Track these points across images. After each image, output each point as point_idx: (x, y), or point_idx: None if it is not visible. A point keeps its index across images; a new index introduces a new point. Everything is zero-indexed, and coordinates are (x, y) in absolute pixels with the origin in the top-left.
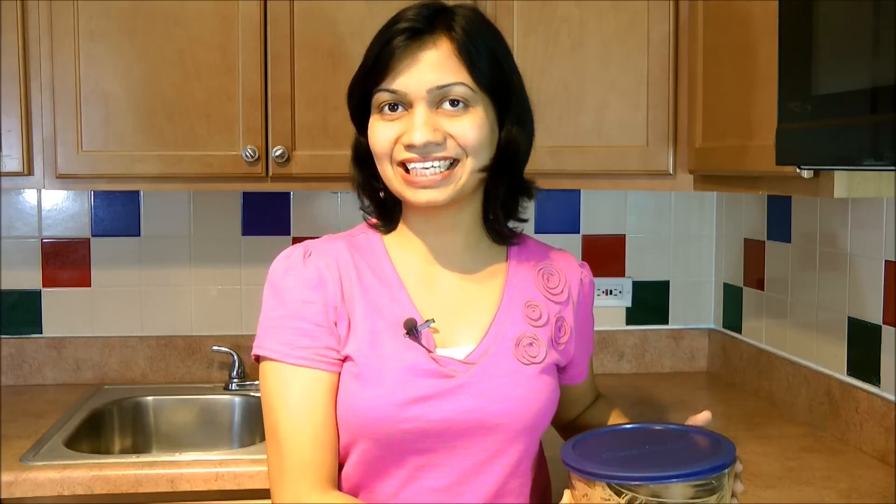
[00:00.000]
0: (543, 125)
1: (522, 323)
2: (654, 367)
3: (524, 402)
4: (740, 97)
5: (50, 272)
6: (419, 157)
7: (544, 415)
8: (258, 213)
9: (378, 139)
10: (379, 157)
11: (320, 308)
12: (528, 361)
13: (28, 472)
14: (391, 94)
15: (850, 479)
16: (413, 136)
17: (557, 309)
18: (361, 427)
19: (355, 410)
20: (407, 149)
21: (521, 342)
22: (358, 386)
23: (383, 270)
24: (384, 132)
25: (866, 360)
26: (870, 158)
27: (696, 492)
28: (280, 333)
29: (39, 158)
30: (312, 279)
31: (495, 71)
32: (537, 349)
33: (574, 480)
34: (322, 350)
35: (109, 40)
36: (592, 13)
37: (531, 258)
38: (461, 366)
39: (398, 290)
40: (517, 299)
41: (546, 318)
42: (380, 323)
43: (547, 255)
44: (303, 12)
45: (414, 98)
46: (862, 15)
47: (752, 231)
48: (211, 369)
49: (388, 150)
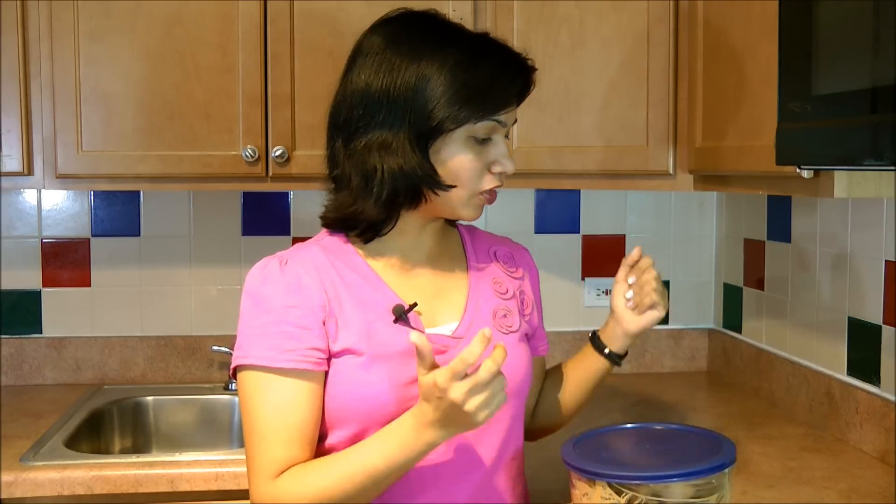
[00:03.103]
0: (543, 125)
1: (493, 297)
2: (654, 367)
3: (510, 367)
4: (740, 97)
5: (50, 272)
6: (499, 184)
7: (526, 380)
8: (258, 214)
9: (474, 167)
10: (465, 182)
11: (302, 311)
12: (507, 331)
13: (28, 472)
14: (502, 125)
15: (850, 479)
16: (508, 165)
17: (517, 284)
18: (371, 412)
19: (363, 397)
20: (498, 176)
21: (497, 314)
22: (363, 374)
23: (358, 266)
24: (477, 161)
25: (866, 360)
26: (870, 158)
27: (696, 491)
28: (266, 339)
29: (39, 158)
30: (292, 284)
31: None
32: (511, 319)
33: (574, 480)
34: (307, 351)
35: (109, 40)
36: (592, 13)
37: (482, 243)
38: (451, 340)
39: (377, 283)
40: (483, 277)
41: (512, 292)
42: (370, 314)
43: (494, 241)
44: (303, 12)
45: (503, 129)
46: (862, 15)
47: (752, 231)
48: (211, 369)
49: (476, 177)
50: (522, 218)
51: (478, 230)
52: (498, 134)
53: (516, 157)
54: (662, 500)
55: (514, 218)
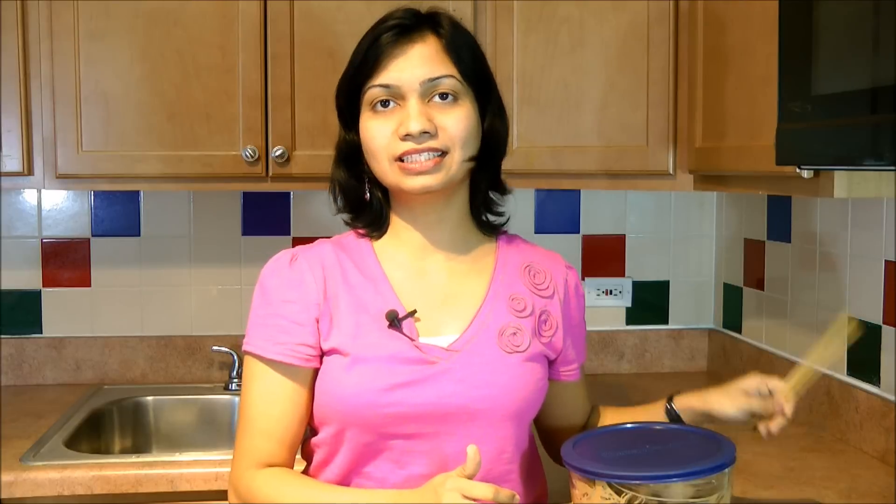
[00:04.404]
0: (543, 125)
1: (507, 314)
2: (654, 367)
3: (508, 389)
4: (740, 97)
5: (50, 272)
6: (414, 147)
7: (530, 403)
8: (258, 214)
9: (375, 135)
10: (375, 152)
11: (299, 307)
12: (512, 350)
13: (28, 472)
14: (384, 89)
15: (850, 479)
16: (409, 125)
17: (543, 303)
18: (348, 414)
19: (341, 397)
20: (403, 139)
21: (504, 332)
22: (344, 374)
23: (368, 267)
24: (380, 128)
25: (866, 360)
26: (870, 158)
27: (697, 491)
28: (263, 330)
29: (39, 158)
30: (294, 280)
31: (478, 65)
32: (521, 339)
33: (574, 480)
34: (296, 346)
35: (109, 40)
36: (592, 13)
37: (519, 255)
38: (444, 353)
39: (382, 285)
40: (502, 292)
41: (530, 310)
42: (363, 316)
43: (534, 253)
44: (303, 12)
45: (406, 91)
46: (862, 15)
47: (752, 231)
48: (211, 369)
49: (385, 145)
50: (522, 218)
51: (519, 240)
52: (408, 99)
53: (516, 156)
54: (662, 500)
55: (514, 218)
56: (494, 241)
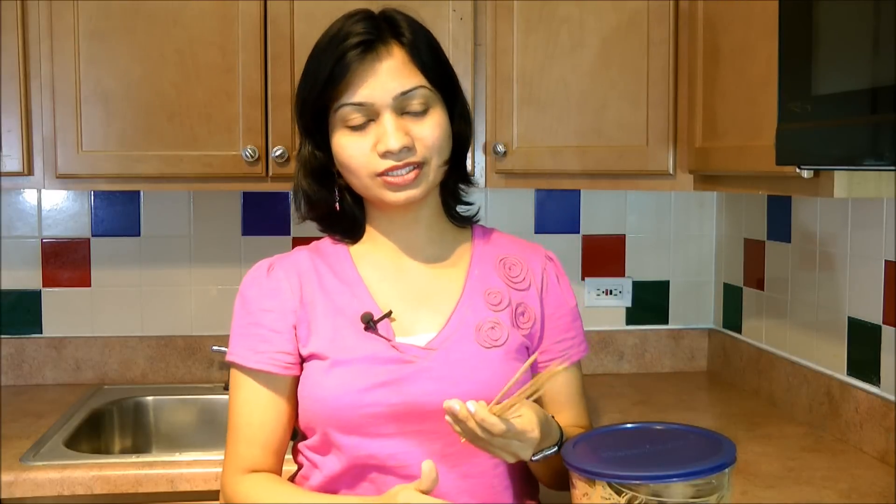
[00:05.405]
0: (543, 125)
1: (484, 309)
2: (654, 367)
3: (488, 384)
4: (740, 97)
5: (50, 272)
6: (395, 164)
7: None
8: (258, 214)
9: (353, 153)
10: (355, 169)
11: (276, 315)
12: (490, 345)
13: (28, 472)
14: (357, 107)
15: (850, 479)
16: (389, 142)
17: (519, 296)
18: (328, 416)
19: (322, 399)
20: (383, 156)
21: (482, 327)
22: (324, 377)
23: (344, 271)
24: (357, 146)
25: (866, 360)
26: (870, 158)
27: (696, 491)
28: (244, 340)
29: (39, 158)
30: (271, 289)
31: (442, 68)
32: (499, 332)
33: (574, 480)
34: (276, 354)
35: (109, 40)
36: (592, 13)
37: (494, 249)
38: (422, 352)
39: (358, 288)
40: (478, 288)
41: (507, 303)
42: (340, 320)
43: (511, 246)
44: (303, 12)
45: (380, 108)
46: (862, 15)
47: (752, 231)
48: (211, 369)
49: (364, 163)
50: (522, 218)
51: (496, 233)
52: (382, 114)
53: (516, 156)
54: (662, 500)
55: (514, 218)
56: (470, 235)
